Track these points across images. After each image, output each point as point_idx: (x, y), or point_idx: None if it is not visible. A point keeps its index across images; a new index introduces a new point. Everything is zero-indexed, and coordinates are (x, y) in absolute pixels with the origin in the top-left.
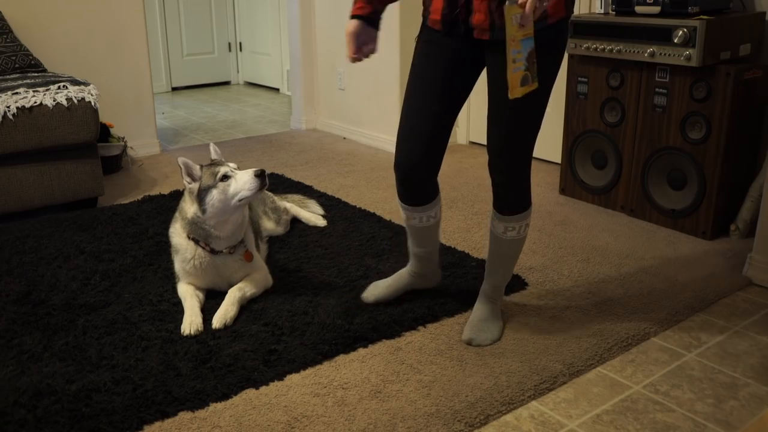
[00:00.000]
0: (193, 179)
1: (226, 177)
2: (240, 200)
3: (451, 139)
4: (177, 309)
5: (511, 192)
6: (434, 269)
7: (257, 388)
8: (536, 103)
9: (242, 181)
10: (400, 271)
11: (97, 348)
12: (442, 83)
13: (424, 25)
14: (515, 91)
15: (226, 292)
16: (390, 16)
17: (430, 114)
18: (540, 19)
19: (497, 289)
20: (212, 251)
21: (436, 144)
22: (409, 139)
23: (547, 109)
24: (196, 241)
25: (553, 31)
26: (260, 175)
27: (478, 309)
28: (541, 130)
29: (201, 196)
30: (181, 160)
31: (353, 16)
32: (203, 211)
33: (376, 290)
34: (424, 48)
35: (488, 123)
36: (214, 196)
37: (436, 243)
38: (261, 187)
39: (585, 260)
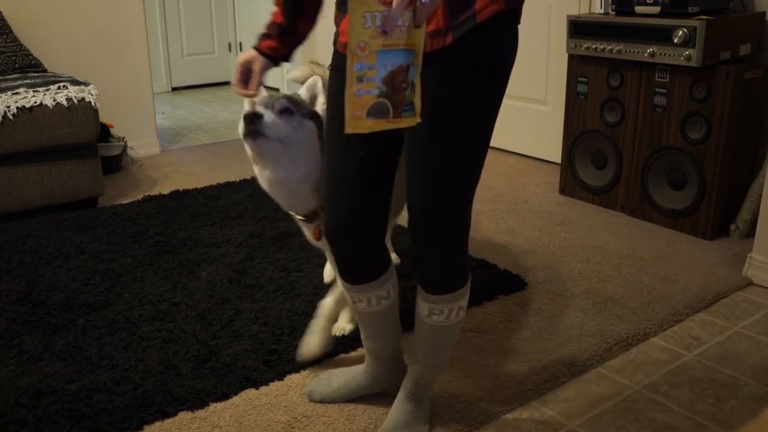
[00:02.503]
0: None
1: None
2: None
3: None
4: (177, 309)
5: (437, 267)
6: (395, 371)
7: (257, 388)
8: (474, 145)
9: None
10: (355, 370)
11: (97, 348)
12: None
13: (334, 51)
14: (355, 123)
15: None
16: None
17: (356, 160)
18: (467, 17)
19: (422, 386)
20: None
21: (373, 197)
22: (335, 195)
23: (547, 109)
24: None
25: (487, 35)
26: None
27: (396, 409)
28: (540, 130)
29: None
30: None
31: (260, 51)
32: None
33: (323, 388)
34: (335, 77)
35: (408, 172)
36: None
37: (396, 334)
38: (246, 134)
39: (585, 260)
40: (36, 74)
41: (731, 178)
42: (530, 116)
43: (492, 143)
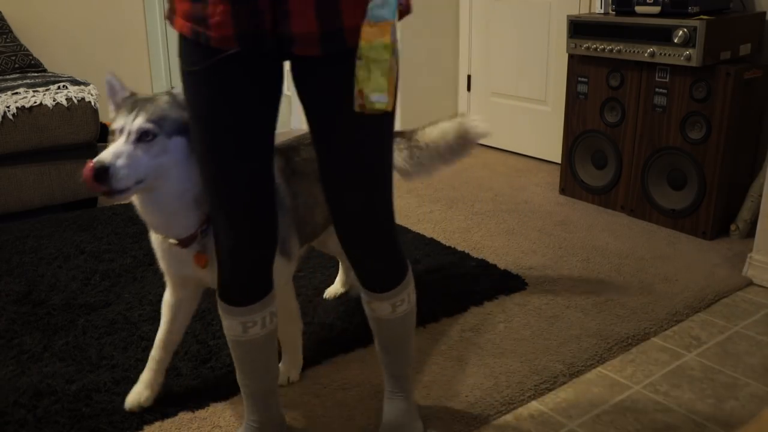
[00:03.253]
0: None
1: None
2: None
3: None
4: None
5: (384, 259)
6: (280, 413)
7: None
8: (388, 126)
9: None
10: None
11: (97, 348)
12: (253, 128)
13: (192, 48)
14: (392, 100)
15: None
16: None
17: (250, 174)
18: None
19: (402, 380)
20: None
21: (270, 209)
22: (232, 215)
23: (547, 109)
24: None
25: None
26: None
27: (391, 410)
28: (540, 130)
29: None
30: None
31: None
32: None
33: None
34: (203, 80)
35: (324, 176)
36: None
37: (276, 364)
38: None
39: (585, 260)
40: (36, 74)
41: (731, 178)
42: (530, 116)
43: (492, 143)
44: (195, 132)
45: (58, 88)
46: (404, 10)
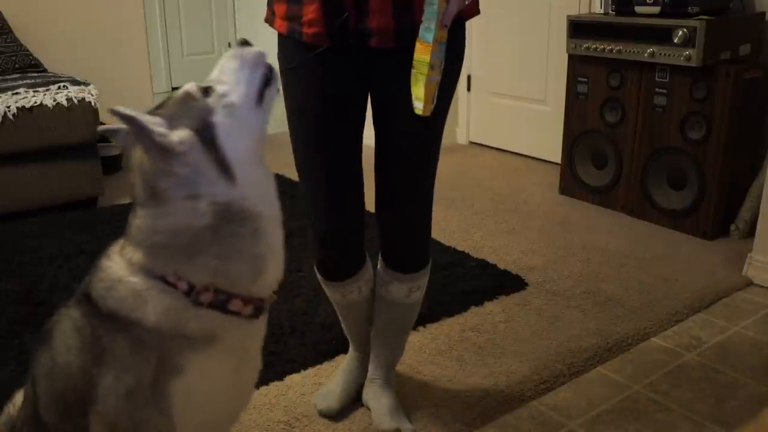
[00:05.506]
0: (167, 127)
1: (205, 90)
2: (266, 100)
3: (451, 139)
4: None
5: (417, 242)
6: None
7: (257, 388)
8: (440, 134)
9: (233, 69)
10: (343, 365)
11: None
12: (342, 120)
13: (288, 46)
14: (429, 107)
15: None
16: None
17: (339, 163)
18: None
19: (392, 366)
20: (256, 307)
21: (358, 196)
22: (323, 201)
23: (547, 109)
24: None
25: (461, 34)
26: (244, 43)
27: (384, 397)
28: (540, 130)
29: (209, 144)
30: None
31: None
32: (230, 175)
33: (330, 402)
34: (300, 76)
35: (381, 159)
36: (227, 127)
37: (371, 315)
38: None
39: (585, 260)
40: (36, 74)
41: (731, 178)
42: (530, 116)
43: (492, 143)
44: (292, 125)
45: (59, 88)
46: (468, 12)
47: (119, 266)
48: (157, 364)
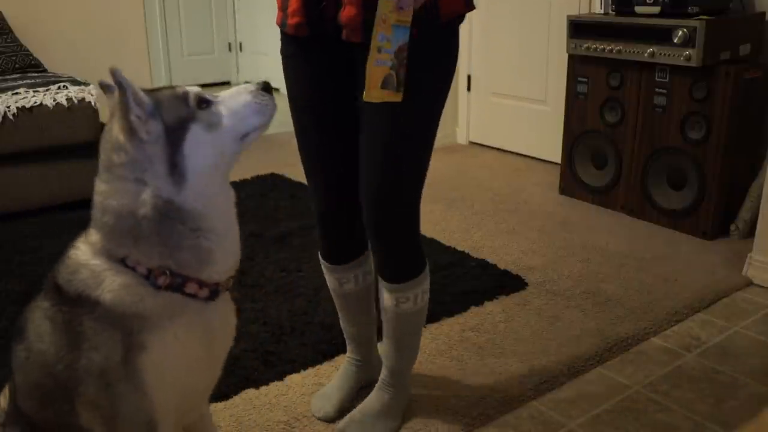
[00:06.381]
0: (146, 112)
1: (205, 102)
2: (248, 138)
3: (450, 139)
4: None
5: (393, 256)
6: (375, 354)
7: (257, 388)
8: (423, 133)
9: (240, 102)
10: (341, 369)
11: None
12: (328, 109)
13: (283, 36)
14: (373, 93)
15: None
16: None
17: (331, 147)
18: (430, 14)
19: (397, 374)
20: (212, 291)
21: (351, 179)
22: (317, 184)
23: (547, 109)
24: (165, 277)
25: (444, 35)
26: (267, 88)
27: (370, 399)
28: (540, 130)
29: (173, 145)
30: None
31: None
32: (180, 179)
33: (325, 405)
34: (291, 65)
35: (361, 162)
36: (198, 140)
37: (372, 317)
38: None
39: (585, 260)
40: (36, 74)
41: (731, 178)
42: (530, 116)
43: (492, 143)
44: (291, 113)
45: (59, 88)
46: (448, 5)
47: (83, 252)
48: (123, 341)
